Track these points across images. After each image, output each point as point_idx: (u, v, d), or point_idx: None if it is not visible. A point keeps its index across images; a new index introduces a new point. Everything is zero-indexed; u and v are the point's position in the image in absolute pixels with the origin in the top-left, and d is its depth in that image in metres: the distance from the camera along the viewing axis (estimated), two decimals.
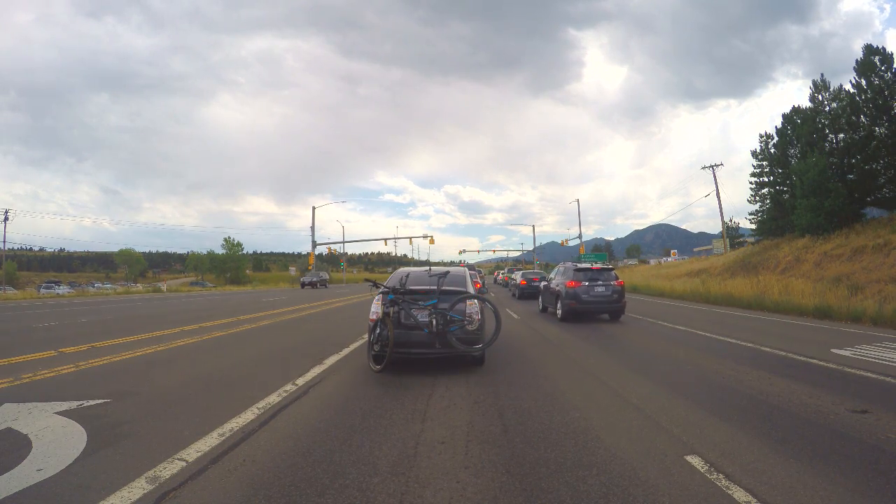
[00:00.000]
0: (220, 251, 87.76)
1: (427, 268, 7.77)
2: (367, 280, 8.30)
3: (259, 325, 11.76)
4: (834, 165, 27.24)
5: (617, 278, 12.94)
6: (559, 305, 13.00)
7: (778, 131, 33.80)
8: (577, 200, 54.37)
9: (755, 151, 37.01)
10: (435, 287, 6.42)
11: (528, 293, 22.61)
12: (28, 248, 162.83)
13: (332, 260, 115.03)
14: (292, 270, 64.82)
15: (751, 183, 37.31)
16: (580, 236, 55.25)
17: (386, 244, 61.46)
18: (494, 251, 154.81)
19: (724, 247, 44.52)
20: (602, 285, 12.52)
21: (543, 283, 16.40)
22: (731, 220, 62.77)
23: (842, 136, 28.43)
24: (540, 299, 16.28)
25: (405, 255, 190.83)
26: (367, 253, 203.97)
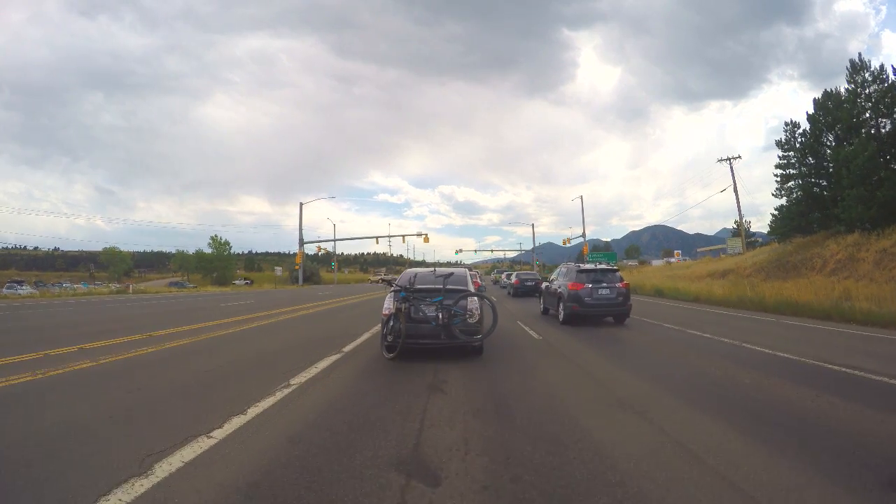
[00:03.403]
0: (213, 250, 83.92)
1: (433, 269, 8.64)
2: (382, 280, 10.63)
3: (167, 347, 8.33)
4: (880, 152, 24.08)
5: (621, 280, 12.30)
6: (561, 308, 12.37)
7: (809, 118, 30.56)
8: (581, 197, 51.04)
9: (780, 141, 33.79)
10: (441, 286, 7.13)
11: (521, 291, 26.46)
12: (22, 246, 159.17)
13: (325, 260, 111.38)
14: (278, 271, 60.94)
15: (776, 176, 34.20)
16: (584, 235, 51.92)
17: (377, 242, 58.01)
18: (492, 251, 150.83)
19: (741, 246, 41.35)
20: (606, 287, 11.88)
21: (545, 284, 16.20)
22: (743, 220, 59.76)
23: (887, 120, 25.29)
24: (541, 301, 15.65)
25: (401, 256, 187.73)
26: (362, 253, 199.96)
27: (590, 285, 11.90)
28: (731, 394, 5.04)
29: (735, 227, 58.30)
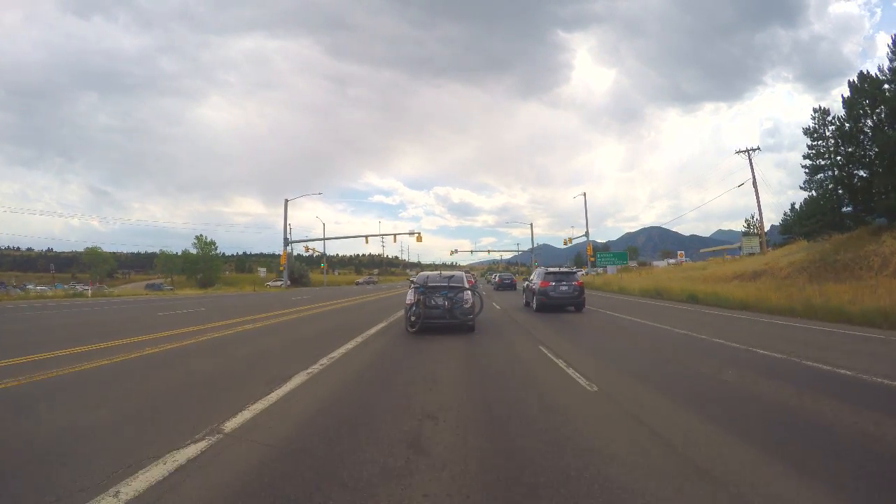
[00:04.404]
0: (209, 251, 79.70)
1: (439, 272, 11.69)
2: (408, 279, 13.26)
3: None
4: None
5: (577, 280, 15.70)
6: (534, 300, 15.76)
7: (846, 101, 27.46)
8: (584, 195, 47.95)
9: (808, 129, 30.74)
10: (446, 283, 10.18)
11: (501, 287, 37.48)
12: (15, 247, 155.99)
13: (318, 261, 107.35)
14: (261, 272, 57.23)
15: (804, 167, 31.08)
16: (587, 234, 48.74)
17: (367, 242, 54.57)
18: (489, 252, 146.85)
19: (758, 245, 38.25)
20: (565, 285, 15.22)
21: (525, 283, 19.79)
22: (752, 217, 56.93)
23: None
24: (524, 296, 19.04)
25: (396, 257, 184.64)
26: (357, 254, 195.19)
27: (553, 283, 15.20)
28: None
29: (747, 227, 55.36)
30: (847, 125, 26.81)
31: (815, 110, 30.71)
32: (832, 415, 4.11)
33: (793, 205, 53.93)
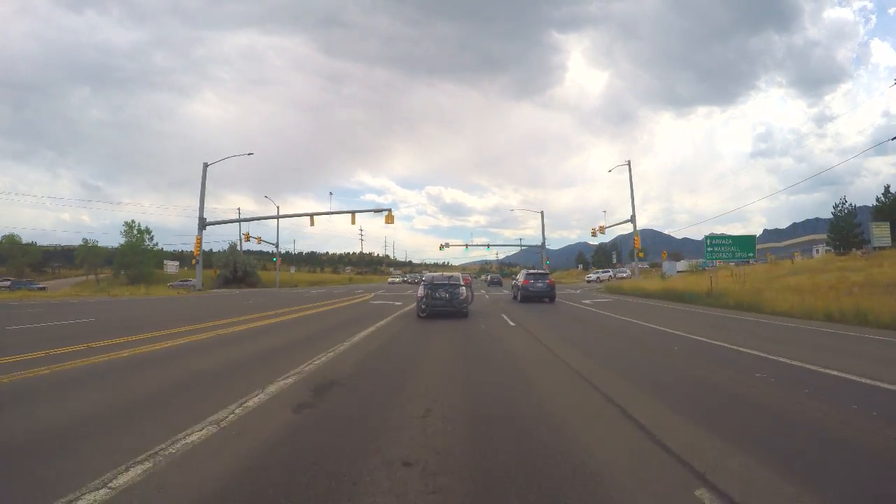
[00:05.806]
0: (211, 248, 63.47)
1: (442, 273, 16.63)
2: (421, 279, 17.51)
3: None
4: None
5: (549, 278, 22.28)
6: (518, 294, 21.97)
7: None
8: (629, 163, 34.09)
9: None
10: (447, 282, 14.24)
11: (491, 284, 52.05)
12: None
13: (288, 258, 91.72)
14: (170, 267, 42.01)
15: None
16: (633, 219, 34.79)
17: (312, 223, 39.91)
18: (489, 246, 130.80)
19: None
20: (540, 282, 21.30)
21: (514, 282, 25.99)
22: (844, 200, 43.49)
23: None
24: (513, 292, 24.75)
25: (387, 256, 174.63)
26: (347, 253, 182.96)
27: (531, 281, 21.31)
28: None
29: (836, 211, 41.99)
30: None
31: None
32: None
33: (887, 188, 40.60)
